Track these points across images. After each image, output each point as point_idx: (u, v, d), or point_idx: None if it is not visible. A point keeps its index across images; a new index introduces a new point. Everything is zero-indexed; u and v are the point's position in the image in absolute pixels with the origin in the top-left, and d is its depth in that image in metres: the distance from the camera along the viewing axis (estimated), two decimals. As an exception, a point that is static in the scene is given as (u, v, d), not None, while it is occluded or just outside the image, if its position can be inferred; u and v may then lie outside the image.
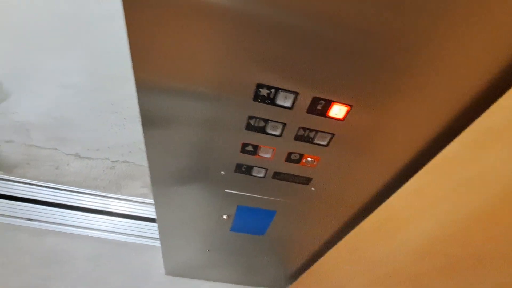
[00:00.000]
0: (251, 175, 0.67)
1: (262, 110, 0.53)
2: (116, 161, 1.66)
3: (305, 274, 1.02)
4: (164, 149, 0.62)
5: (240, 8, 0.38)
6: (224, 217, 0.83)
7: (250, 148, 0.60)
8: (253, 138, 0.58)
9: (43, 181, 1.47)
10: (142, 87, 0.50)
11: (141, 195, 1.55)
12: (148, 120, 0.56)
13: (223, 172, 0.68)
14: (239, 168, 0.66)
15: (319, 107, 0.51)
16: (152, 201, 1.53)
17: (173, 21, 0.40)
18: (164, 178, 0.71)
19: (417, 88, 0.46)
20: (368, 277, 0.73)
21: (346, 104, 0.51)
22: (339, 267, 0.85)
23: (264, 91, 0.49)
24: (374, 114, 0.51)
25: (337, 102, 0.50)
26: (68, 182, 1.50)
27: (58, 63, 2.17)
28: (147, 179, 1.64)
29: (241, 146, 0.60)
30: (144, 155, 1.76)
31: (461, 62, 0.42)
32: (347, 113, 0.52)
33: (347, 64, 0.44)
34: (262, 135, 0.57)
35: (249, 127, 0.56)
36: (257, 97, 0.50)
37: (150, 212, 1.49)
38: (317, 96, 0.49)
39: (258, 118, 0.54)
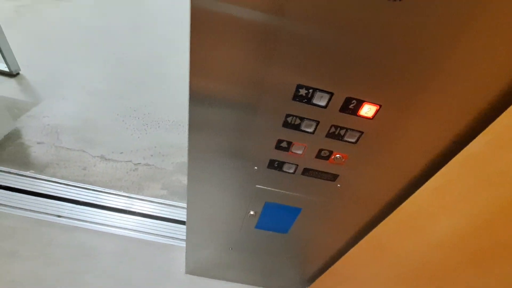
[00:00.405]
0: (282, 170, 0.73)
1: (299, 109, 0.59)
2: (138, 163, 1.73)
3: (325, 274, 1.04)
4: (205, 143, 0.68)
5: (284, 26, 0.45)
6: (251, 213, 0.87)
7: (284, 144, 0.66)
8: (288, 135, 0.64)
9: (72, 180, 1.54)
10: (195, 92, 0.57)
11: (161, 196, 1.61)
12: (195, 119, 0.63)
13: (256, 167, 0.73)
14: (272, 163, 0.71)
15: (351, 106, 0.57)
16: (171, 203, 1.59)
17: (228, 40, 0.47)
18: (201, 172, 0.77)
19: (442, 88, 0.52)
20: (393, 274, 0.76)
21: (375, 104, 0.56)
22: (362, 265, 0.88)
23: (302, 91, 0.56)
24: (400, 113, 0.57)
25: (368, 102, 0.56)
26: (94, 182, 1.57)
27: (86, 71, 2.31)
28: (167, 181, 1.71)
29: (276, 142, 0.66)
30: (163, 159, 1.83)
31: (482, 66, 0.48)
32: (376, 112, 0.57)
33: (378, 67, 0.50)
34: (297, 132, 0.63)
35: (285, 124, 0.62)
36: (296, 97, 0.57)
37: (170, 213, 1.55)
38: (350, 96, 0.55)
39: (295, 116, 0.60)
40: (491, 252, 0.56)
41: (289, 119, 0.61)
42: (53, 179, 1.53)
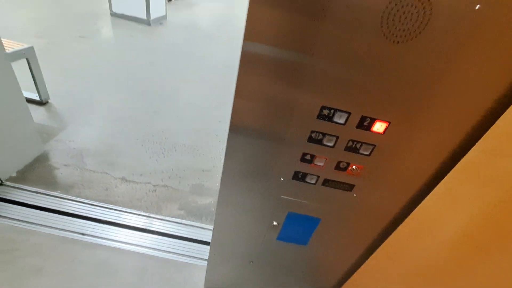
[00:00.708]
0: (305, 181, 0.83)
1: (322, 126, 0.71)
2: (157, 185, 1.82)
3: (345, 285, 1.08)
4: (238, 167, 0.80)
5: (313, 63, 0.59)
6: (274, 223, 0.96)
7: (308, 157, 0.77)
8: (312, 148, 0.75)
9: (95, 200, 1.63)
10: (235, 125, 0.70)
11: (178, 216, 1.68)
12: (232, 146, 0.75)
13: (282, 179, 0.83)
14: (296, 175, 0.82)
15: (365, 123, 0.69)
16: (189, 222, 1.66)
17: (268, 73, 0.61)
18: (231, 193, 0.87)
19: (440, 105, 0.64)
20: (410, 281, 0.82)
21: (385, 121, 0.68)
22: (380, 274, 0.93)
23: (325, 111, 0.68)
24: (407, 127, 0.69)
25: (379, 119, 0.68)
26: (116, 202, 1.65)
27: (108, 100, 2.50)
28: (184, 202, 1.78)
29: (301, 155, 0.77)
30: (180, 180, 1.92)
31: (474, 83, 0.61)
32: (386, 128, 0.69)
33: (386, 91, 0.63)
34: (319, 146, 0.75)
35: (310, 139, 0.73)
36: (320, 116, 0.69)
37: (187, 232, 1.60)
38: (364, 115, 0.68)
39: (319, 132, 0.72)
40: (495, 244, 0.64)
41: (313, 134, 0.72)
42: (78, 199, 1.61)
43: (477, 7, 0.52)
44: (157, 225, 1.59)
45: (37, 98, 2.17)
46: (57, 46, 3.21)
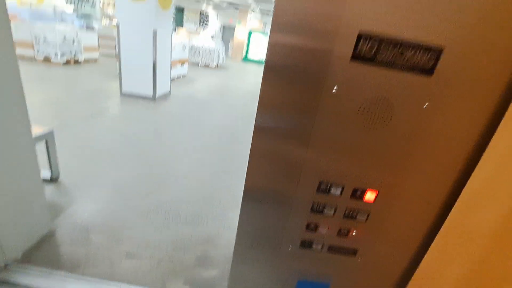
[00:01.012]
0: (311, 248, 0.91)
1: (322, 198, 0.83)
2: (161, 259, 1.81)
3: None
4: (253, 221, 0.89)
5: (310, 155, 0.76)
6: (286, 293, 0.99)
7: (312, 226, 0.87)
8: (315, 218, 0.86)
9: (100, 277, 1.60)
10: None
11: (183, 293, 1.63)
12: (248, 199, 0.86)
13: (290, 247, 0.91)
14: (303, 243, 0.90)
15: (358, 194, 0.82)
16: (195, 299, 1.60)
17: (273, 163, 0.77)
18: (244, 253, 0.94)
19: (414, 171, 0.79)
20: None
21: (374, 190, 0.82)
22: None
23: (323, 186, 0.82)
24: (395, 193, 0.81)
25: (369, 189, 0.81)
26: (120, 279, 1.62)
27: (115, 173, 2.63)
28: (188, 275, 1.75)
29: (306, 225, 0.87)
30: (184, 252, 1.92)
31: (433, 158, 0.76)
32: (376, 196, 0.82)
33: (373, 168, 0.78)
34: (321, 215, 0.86)
35: (312, 209, 0.85)
36: (318, 189, 0.82)
37: (194, 310, 1.54)
38: (356, 187, 0.81)
39: (319, 203, 0.84)
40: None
41: (314, 206, 0.84)
42: (83, 278, 1.58)
43: (425, 106, 0.71)
44: (162, 303, 1.53)
45: (49, 176, 2.29)
46: (69, 126, 3.49)
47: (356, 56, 0.66)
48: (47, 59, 6.14)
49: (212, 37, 14.16)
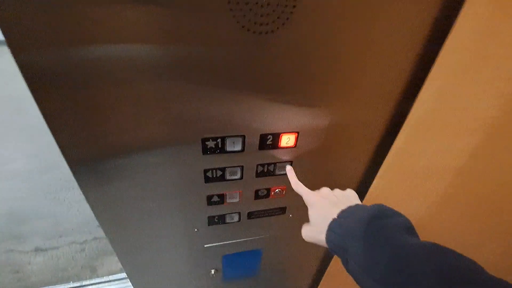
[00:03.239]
0: (226, 223, 0.65)
1: (215, 160, 0.52)
2: (85, 241, 1.51)
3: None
4: (133, 224, 0.58)
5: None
6: (212, 272, 0.78)
7: (216, 198, 0.59)
8: (216, 188, 0.57)
9: (3, 292, 1.28)
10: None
11: (121, 270, 1.42)
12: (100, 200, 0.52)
13: (196, 229, 0.64)
14: (212, 220, 0.63)
15: (268, 142, 0.52)
16: (135, 273, 1.40)
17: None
18: (139, 253, 0.65)
19: (347, 91, 0.49)
20: None
21: (292, 132, 0.52)
22: (340, 282, 0.83)
23: (210, 144, 0.49)
24: (319, 134, 0.53)
25: (284, 133, 0.51)
26: (34, 284, 1.32)
27: (-4, 154, 1.98)
28: (125, 250, 1.51)
29: (206, 199, 0.58)
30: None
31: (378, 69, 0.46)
32: (296, 139, 0.53)
33: (279, 98, 0.46)
34: (224, 183, 0.56)
35: (207, 179, 0.54)
36: (205, 151, 0.50)
37: (136, 285, 1.36)
38: (263, 133, 0.50)
39: (214, 169, 0.53)
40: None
41: (208, 173, 0.53)
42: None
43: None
44: (95, 292, 1.31)
45: None
46: None
47: None
48: None
49: None
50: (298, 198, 0.65)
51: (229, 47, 0.38)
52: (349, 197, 0.46)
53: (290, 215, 0.69)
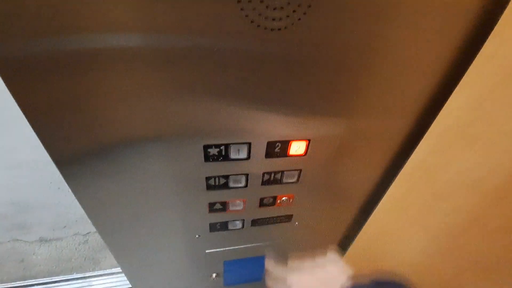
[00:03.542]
0: (228, 229, 0.62)
1: (219, 167, 0.48)
2: (88, 233, 1.51)
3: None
4: (135, 230, 0.55)
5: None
6: (214, 276, 0.75)
7: (218, 206, 0.55)
8: (219, 196, 0.53)
9: (10, 281, 1.29)
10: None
11: (124, 263, 1.42)
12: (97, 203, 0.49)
13: (197, 235, 0.61)
14: (214, 227, 0.60)
15: (277, 149, 0.47)
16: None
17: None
18: (141, 257, 0.63)
19: (363, 99, 0.45)
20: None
21: (304, 139, 0.47)
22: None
23: (212, 151, 0.45)
24: (331, 142, 0.49)
25: (294, 140, 0.47)
26: (38, 274, 1.33)
27: (5, 140, 1.99)
28: (128, 243, 1.51)
29: (208, 207, 0.55)
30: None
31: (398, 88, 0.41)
32: (307, 147, 0.49)
33: (285, 106, 0.41)
34: (227, 191, 0.52)
35: (209, 187, 0.51)
36: (207, 158, 0.46)
37: (138, 278, 1.36)
38: (271, 140, 0.46)
39: (217, 176, 0.49)
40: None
41: (210, 181, 0.50)
42: None
43: None
44: (98, 285, 1.32)
45: None
46: None
47: None
48: None
49: None
50: (305, 206, 0.61)
51: (235, 42, 0.34)
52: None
53: (296, 223, 0.66)
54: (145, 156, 0.43)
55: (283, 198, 0.58)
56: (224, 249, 0.68)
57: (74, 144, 0.39)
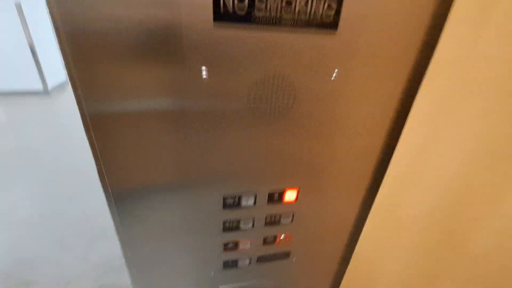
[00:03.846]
0: (238, 266, 0.74)
1: (233, 213, 0.64)
2: (92, 288, 1.53)
3: None
4: (156, 268, 0.67)
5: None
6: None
7: (231, 245, 0.69)
8: (231, 236, 0.68)
9: None
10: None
11: (127, 318, 1.42)
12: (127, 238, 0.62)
13: (213, 273, 0.73)
14: (226, 264, 0.73)
15: (275, 197, 0.64)
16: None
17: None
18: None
19: (336, 155, 0.63)
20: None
21: (294, 188, 0.65)
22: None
23: (229, 200, 0.61)
24: (316, 185, 0.66)
25: (288, 188, 0.64)
26: (39, 335, 1.32)
27: (7, 199, 2.07)
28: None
29: (223, 246, 0.69)
30: (119, 271, 1.65)
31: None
32: (297, 194, 0.66)
33: (284, 167, 0.60)
34: (238, 232, 0.67)
35: (225, 229, 0.66)
36: (225, 206, 0.62)
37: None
38: (271, 191, 0.63)
39: (231, 220, 0.65)
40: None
41: (226, 224, 0.65)
42: None
43: (334, 75, 0.52)
44: None
45: None
46: None
47: (221, 16, 0.41)
48: None
49: None
50: (301, 243, 0.75)
51: (242, 130, 0.53)
52: None
53: (294, 258, 0.79)
54: (173, 203, 0.59)
55: (282, 236, 0.73)
56: (235, 285, 0.79)
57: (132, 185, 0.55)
